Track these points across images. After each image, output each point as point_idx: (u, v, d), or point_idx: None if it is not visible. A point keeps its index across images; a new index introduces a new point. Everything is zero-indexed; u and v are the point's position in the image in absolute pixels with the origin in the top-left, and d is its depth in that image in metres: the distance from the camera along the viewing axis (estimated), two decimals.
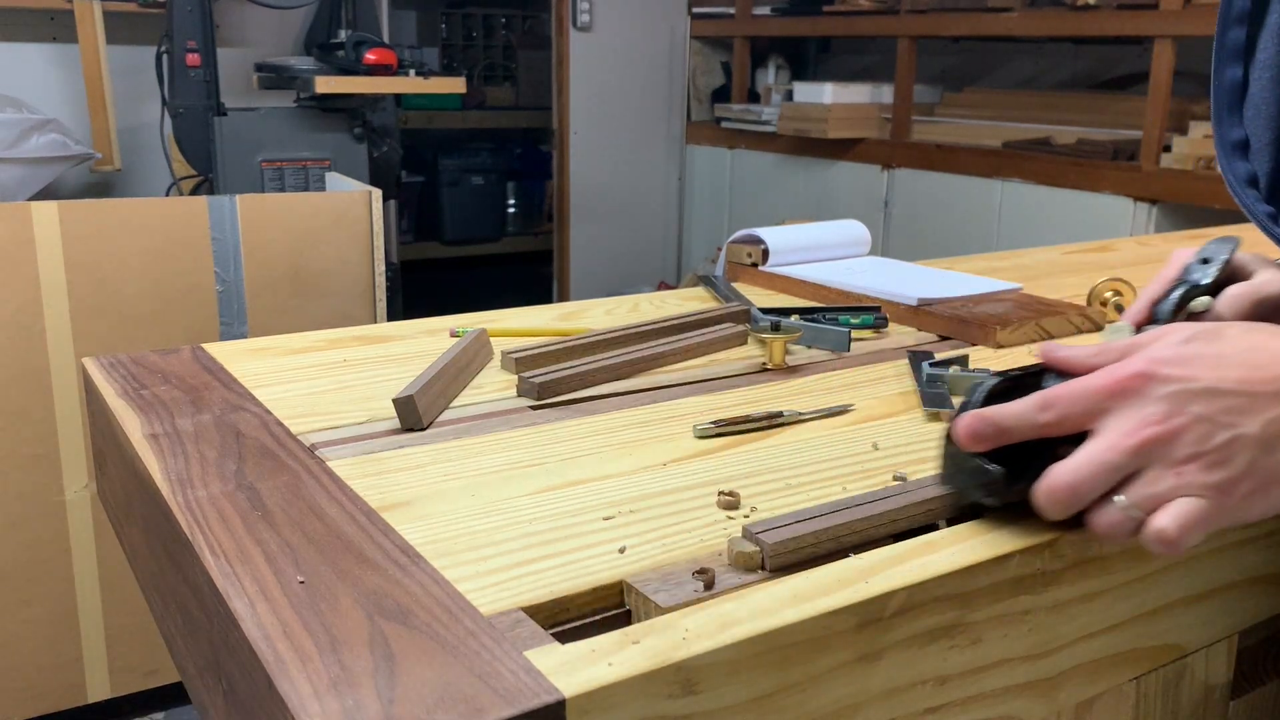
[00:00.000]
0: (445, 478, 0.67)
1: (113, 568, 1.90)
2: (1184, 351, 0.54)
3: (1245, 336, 0.56)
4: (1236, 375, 0.53)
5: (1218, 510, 0.52)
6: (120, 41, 3.31)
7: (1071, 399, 0.55)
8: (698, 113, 4.61)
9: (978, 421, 0.56)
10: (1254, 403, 0.53)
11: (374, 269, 2.04)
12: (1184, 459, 0.52)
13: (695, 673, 0.46)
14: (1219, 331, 0.56)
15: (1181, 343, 0.55)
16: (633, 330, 0.96)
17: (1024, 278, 1.25)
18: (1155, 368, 0.54)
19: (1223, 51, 0.69)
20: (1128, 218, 2.95)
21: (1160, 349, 0.55)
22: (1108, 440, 0.53)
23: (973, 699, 0.56)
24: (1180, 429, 0.52)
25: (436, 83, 3.10)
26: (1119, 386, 0.54)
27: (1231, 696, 0.71)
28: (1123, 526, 0.53)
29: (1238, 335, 0.56)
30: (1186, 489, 0.52)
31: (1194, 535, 0.52)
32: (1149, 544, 0.52)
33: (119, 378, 0.85)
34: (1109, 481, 0.53)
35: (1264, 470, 0.53)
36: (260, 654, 0.46)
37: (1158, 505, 0.52)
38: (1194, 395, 0.53)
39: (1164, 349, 0.55)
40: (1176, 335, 0.56)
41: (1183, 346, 0.55)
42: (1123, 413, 0.54)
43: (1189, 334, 0.56)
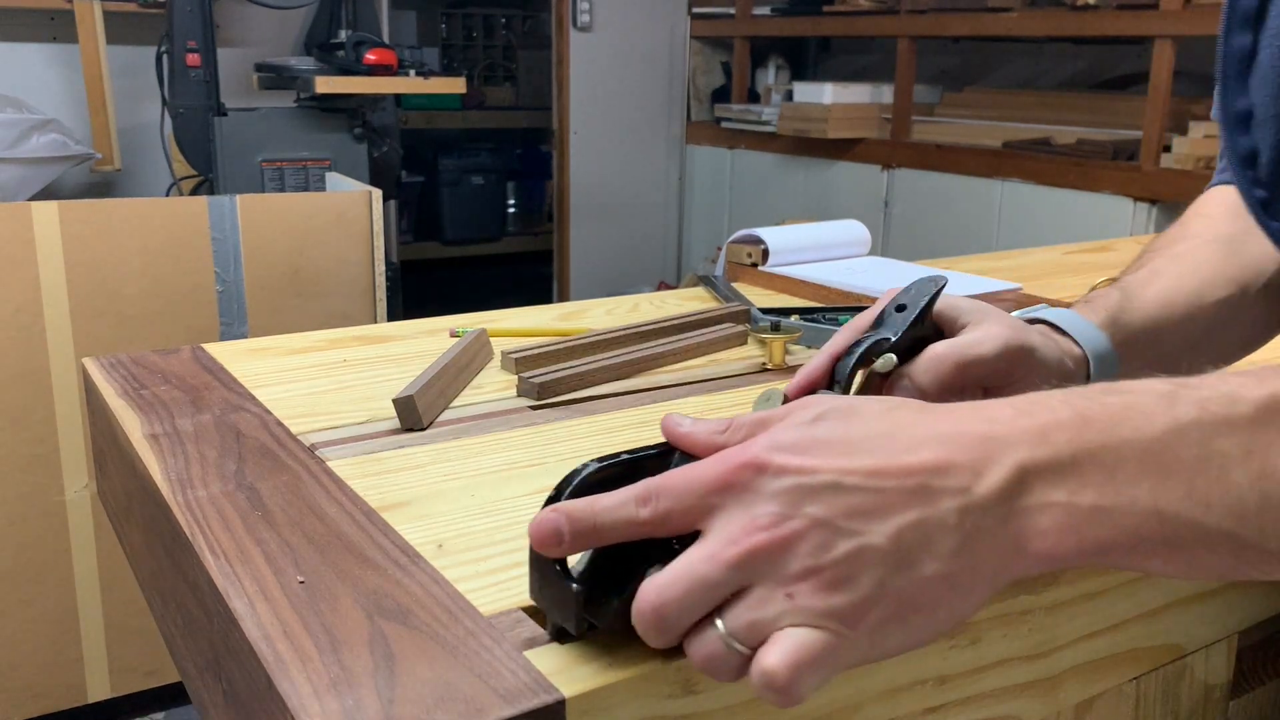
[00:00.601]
0: (445, 478, 0.67)
1: (113, 568, 1.90)
2: (808, 435, 0.43)
3: (884, 417, 0.44)
4: (866, 465, 0.42)
5: (839, 645, 0.41)
6: (120, 41, 3.31)
7: (677, 492, 0.43)
8: (698, 113, 4.61)
9: (558, 516, 0.44)
10: (883, 502, 0.41)
11: (374, 269, 2.04)
12: (796, 575, 0.41)
13: (695, 673, 0.46)
14: (854, 409, 0.45)
15: (808, 423, 0.44)
16: (633, 330, 0.97)
17: (1024, 278, 1.25)
18: (769, 456, 0.42)
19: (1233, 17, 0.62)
20: (1128, 218, 2.95)
21: (783, 431, 0.44)
22: (707, 549, 0.42)
23: (973, 699, 0.56)
24: (791, 536, 0.41)
25: (436, 83, 3.10)
26: (728, 478, 0.42)
27: (1231, 696, 0.71)
28: (724, 661, 0.42)
29: (875, 414, 0.44)
30: (799, 615, 0.40)
31: (810, 678, 0.40)
32: (758, 689, 0.41)
33: (119, 378, 0.85)
34: (707, 602, 0.42)
35: (897, 592, 0.41)
36: (260, 654, 0.46)
37: (764, 635, 0.41)
38: (811, 492, 0.41)
39: (787, 431, 0.44)
40: (805, 413, 0.45)
41: (808, 428, 0.44)
42: (731, 512, 0.42)
43: (821, 411, 0.45)
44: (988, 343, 0.59)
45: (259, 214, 1.92)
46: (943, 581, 0.41)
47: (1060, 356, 0.63)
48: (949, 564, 0.41)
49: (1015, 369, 0.59)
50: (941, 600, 0.42)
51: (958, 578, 0.41)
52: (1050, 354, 0.62)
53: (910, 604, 0.41)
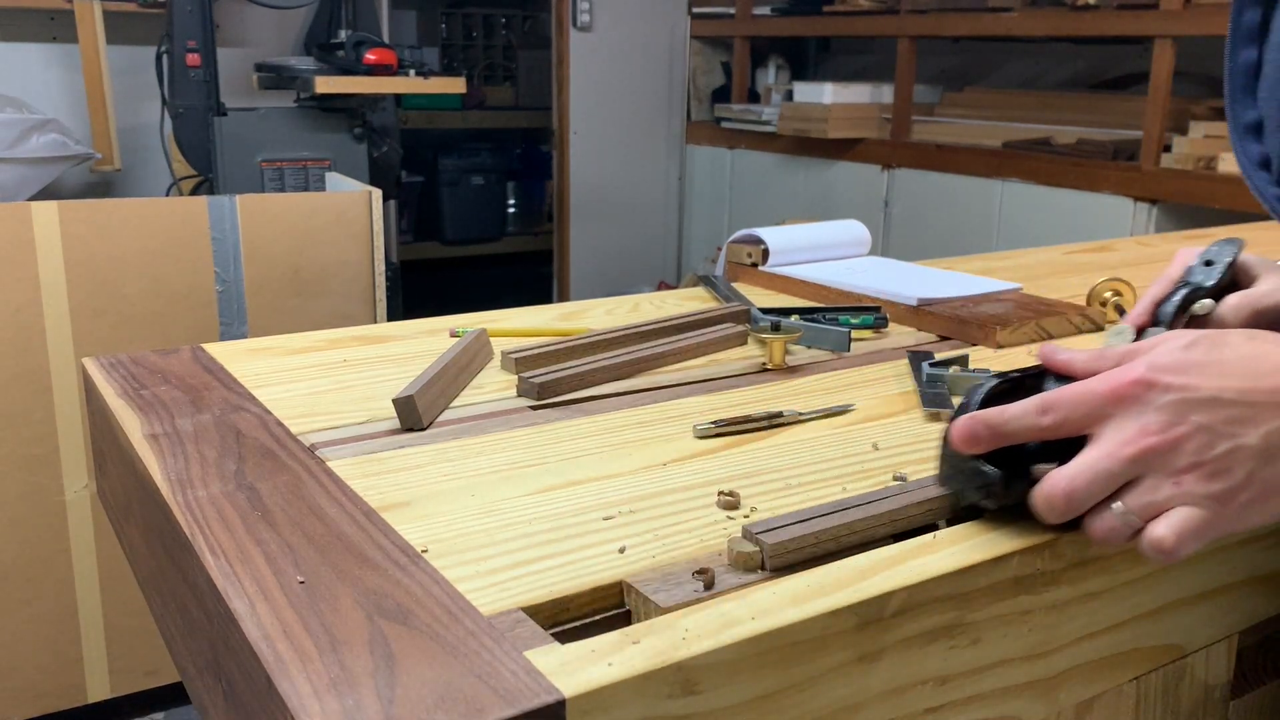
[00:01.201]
0: (445, 478, 0.67)
1: (113, 568, 1.90)
2: (1185, 359, 0.54)
3: (1247, 344, 0.55)
4: (1237, 385, 0.53)
5: (1216, 520, 0.52)
6: (120, 41, 3.31)
7: (1072, 403, 0.54)
8: (698, 113, 4.61)
9: (975, 423, 0.55)
10: (1255, 413, 0.52)
11: (374, 269, 2.04)
12: (1183, 468, 0.52)
13: (695, 673, 0.46)
14: (1221, 339, 0.55)
15: (1183, 349, 0.54)
16: (633, 330, 0.96)
17: (1024, 278, 1.25)
18: (1156, 375, 0.53)
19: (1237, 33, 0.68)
20: (1128, 218, 2.95)
21: (1161, 355, 0.54)
22: (1107, 448, 0.53)
23: (973, 699, 0.56)
24: (1180, 438, 0.52)
25: (436, 83, 3.10)
26: (1119, 393, 0.53)
27: (1231, 696, 0.71)
28: (1120, 533, 0.53)
29: (1240, 343, 0.55)
30: (1185, 498, 0.52)
31: (1191, 544, 0.52)
32: (1146, 552, 0.52)
33: (119, 378, 0.85)
34: (1107, 489, 0.53)
35: (1263, 481, 0.52)
36: (260, 654, 0.46)
37: (1156, 513, 0.52)
38: (1195, 404, 0.52)
39: (1165, 355, 0.54)
40: (1178, 342, 0.55)
41: (1184, 353, 0.54)
42: (1122, 420, 0.53)
43: (1190, 340, 0.55)
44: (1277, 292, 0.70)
45: (259, 214, 1.92)
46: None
47: None
48: None
49: None
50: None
51: None
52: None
53: (1273, 489, 0.52)
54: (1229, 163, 2.69)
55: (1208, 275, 0.72)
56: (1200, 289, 0.71)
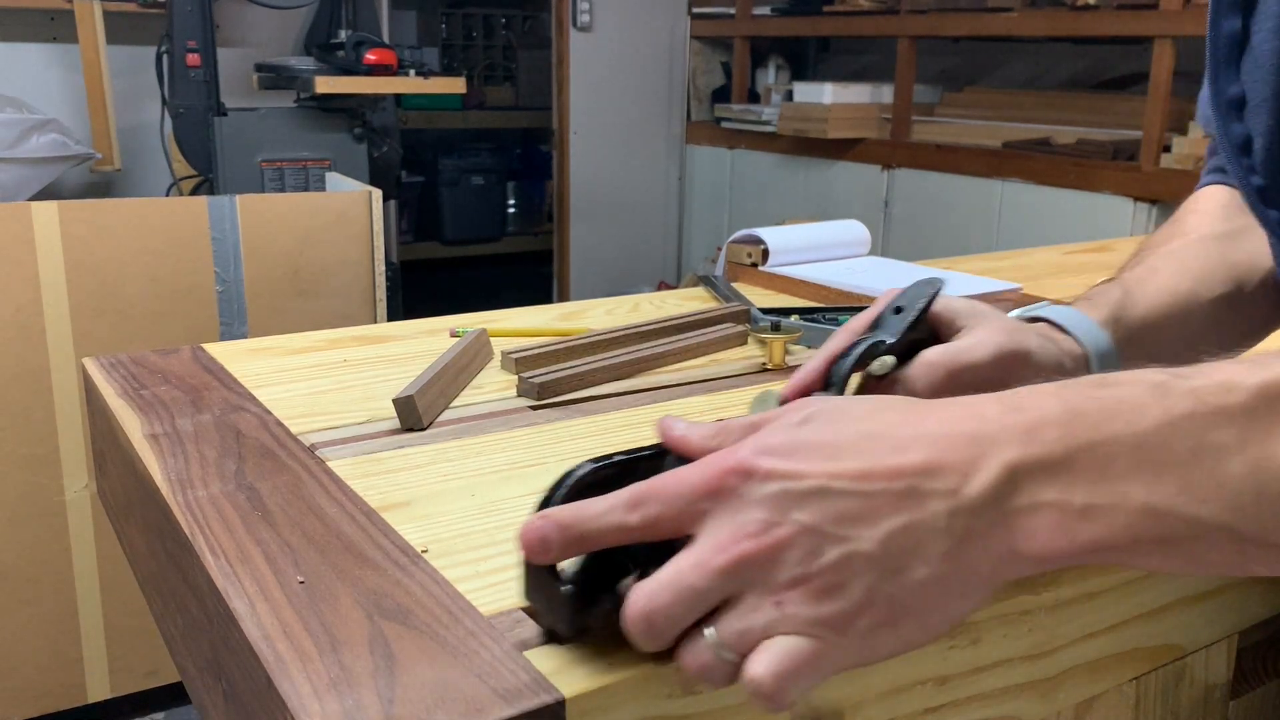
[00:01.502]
0: (445, 478, 0.67)
1: (113, 568, 1.90)
2: (795, 438, 0.42)
3: (872, 417, 0.43)
4: (853, 469, 0.41)
5: (828, 651, 0.41)
6: (120, 41, 3.31)
7: (664, 498, 0.42)
8: (698, 113, 4.61)
9: (547, 524, 0.43)
10: (871, 506, 0.40)
11: (374, 269, 2.04)
12: (785, 584, 0.40)
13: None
14: (841, 410, 0.44)
15: (795, 426, 0.43)
16: (633, 330, 0.96)
17: (1024, 278, 1.25)
18: (756, 461, 0.42)
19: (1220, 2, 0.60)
20: (1128, 218, 2.95)
21: (770, 434, 0.43)
22: (695, 556, 0.41)
23: (973, 699, 0.56)
24: (780, 544, 0.40)
25: (436, 83, 3.10)
26: (715, 483, 0.42)
27: (1231, 696, 0.71)
28: (716, 670, 0.42)
29: (862, 415, 0.44)
30: (788, 624, 0.40)
31: (796, 684, 0.40)
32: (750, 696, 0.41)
33: (119, 378, 0.85)
34: (695, 610, 0.41)
35: (887, 598, 0.40)
36: (260, 654, 0.46)
37: (754, 644, 0.41)
38: (797, 498, 0.41)
39: (774, 434, 0.43)
40: (793, 416, 0.44)
41: (795, 431, 0.43)
42: (719, 518, 0.42)
43: (808, 414, 0.44)
44: (981, 348, 0.58)
45: (259, 214, 1.92)
46: (934, 585, 0.41)
47: (1059, 356, 0.62)
48: (940, 567, 0.40)
49: (1010, 373, 0.58)
50: (933, 604, 0.41)
51: (949, 581, 0.41)
52: (1048, 355, 0.61)
53: (901, 609, 0.41)
54: None
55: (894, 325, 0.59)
56: (880, 343, 0.58)
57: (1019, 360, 0.59)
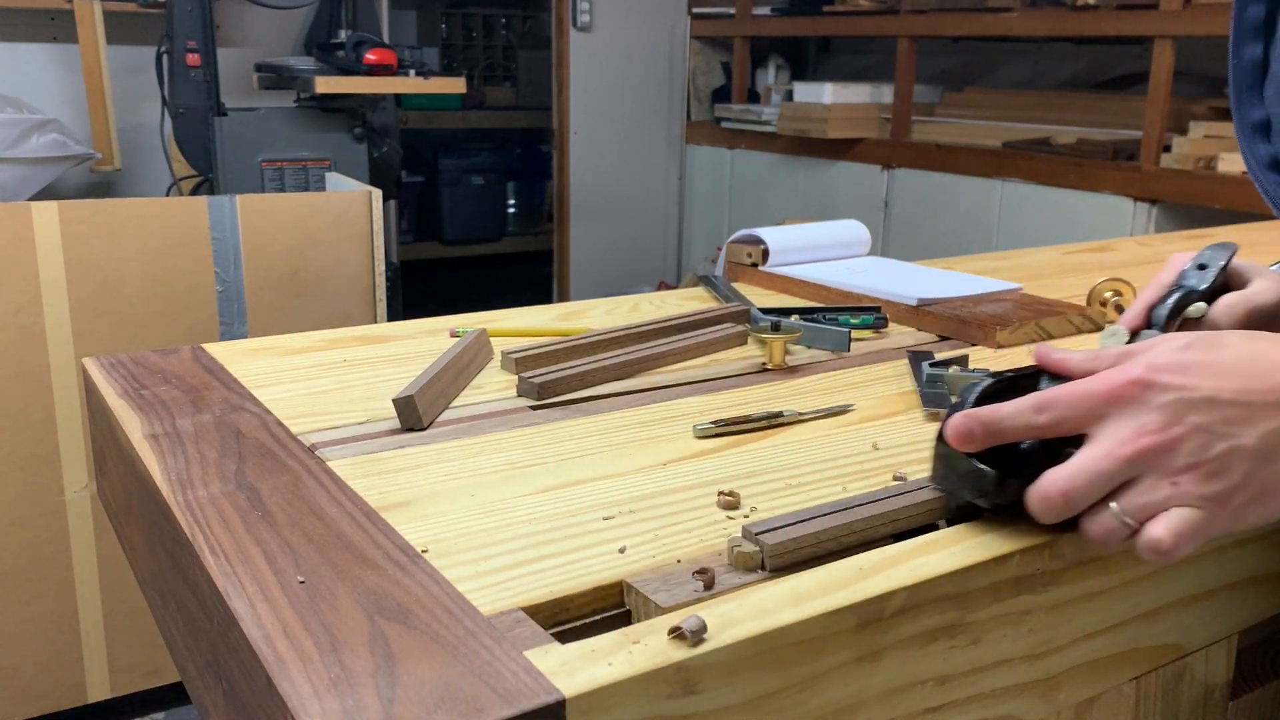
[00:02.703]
0: (445, 478, 0.67)
1: (113, 568, 1.90)
2: (1182, 359, 0.53)
3: (1244, 344, 0.55)
4: (1235, 385, 0.52)
5: (1213, 520, 0.52)
6: (120, 41, 3.31)
7: (1069, 402, 0.54)
8: (698, 113, 4.61)
9: (970, 422, 0.55)
10: (1252, 413, 0.52)
11: (374, 269, 2.04)
12: (1180, 469, 0.52)
13: (695, 673, 0.46)
14: (1218, 339, 0.55)
15: (1180, 350, 0.54)
16: (633, 330, 0.96)
17: (1024, 278, 1.25)
18: (1154, 375, 0.53)
19: (1241, 29, 0.67)
20: (1128, 218, 2.95)
21: (1158, 355, 0.54)
22: (1104, 448, 0.52)
23: (973, 699, 0.56)
24: (1177, 439, 0.52)
25: (436, 83, 3.10)
26: (1117, 392, 0.53)
27: (1231, 696, 0.71)
28: (1117, 534, 0.53)
29: (1237, 343, 0.55)
30: (1182, 499, 0.51)
31: (1188, 545, 0.51)
32: (1143, 553, 0.52)
33: (119, 378, 0.85)
34: (1104, 489, 0.52)
35: (1260, 481, 0.52)
36: (260, 654, 0.46)
37: (1153, 514, 0.52)
38: (1192, 404, 0.52)
39: (1162, 356, 0.54)
40: (1175, 342, 0.55)
41: (1181, 354, 0.54)
42: (1120, 419, 0.53)
43: (1187, 341, 0.55)
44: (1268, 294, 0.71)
45: (259, 214, 1.92)
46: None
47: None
48: None
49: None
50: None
51: None
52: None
53: (1269, 490, 0.52)
54: (1229, 163, 2.69)
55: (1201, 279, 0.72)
56: (1193, 292, 0.71)
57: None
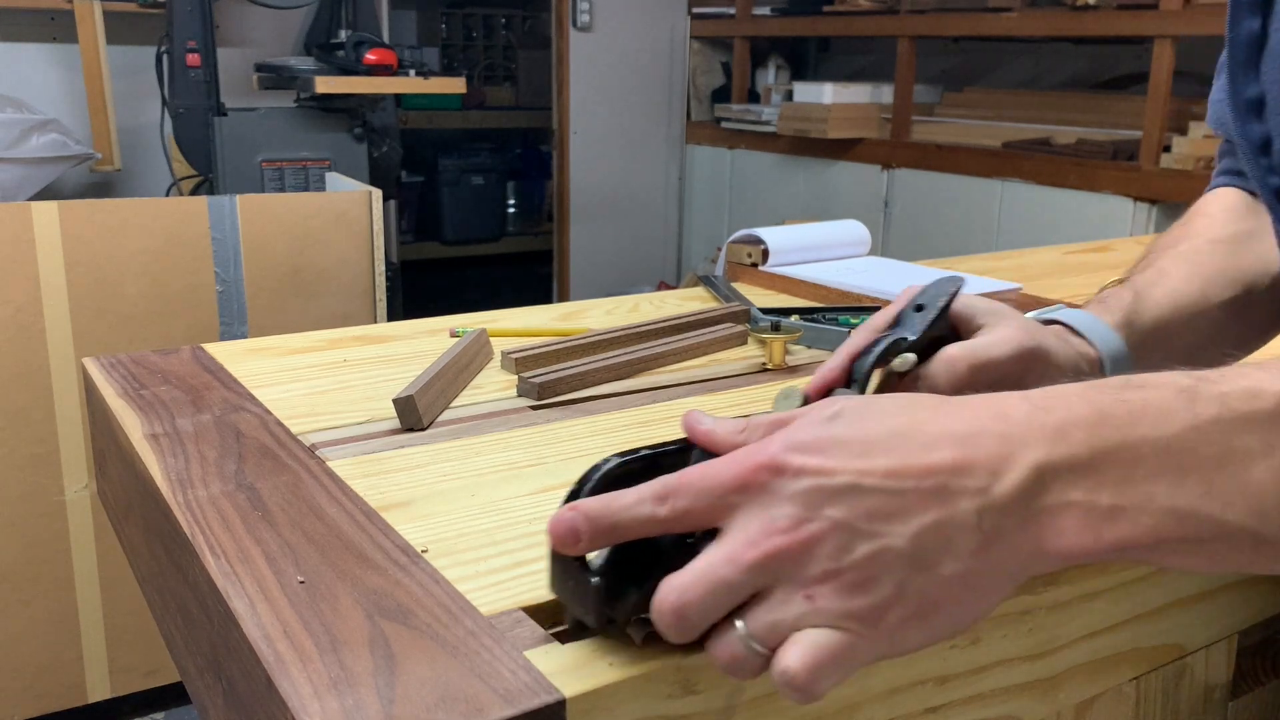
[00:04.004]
0: (445, 478, 0.67)
1: (113, 568, 1.90)
2: (825, 434, 0.43)
3: (900, 415, 0.44)
4: (884, 466, 0.42)
5: (859, 644, 0.41)
6: (120, 41, 3.31)
7: (694, 491, 0.43)
8: (698, 113, 4.61)
9: (576, 515, 0.44)
10: (903, 504, 0.41)
11: (374, 269, 2.04)
12: (817, 578, 0.41)
13: (695, 673, 0.46)
14: (869, 407, 0.44)
15: (825, 422, 0.44)
16: (633, 330, 0.96)
17: (1024, 278, 1.25)
18: (787, 457, 0.42)
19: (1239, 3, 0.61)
20: (1128, 218, 2.95)
21: (799, 431, 0.44)
22: (726, 550, 0.42)
23: (973, 699, 0.56)
24: (812, 539, 0.41)
25: (436, 83, 3.10)
26: (746, 479, 0.42)
27: (1231, 697, 0.71)
28: (746, 662, 0.42)
29: (892, 412, 0.44)
30: (819, 617, 0.41)
31: (828, 677, 0.41)
32: (779, 687, 0.41)
33: (119, 378, 0.85)
34: (727, 603, 0.42)
35: (917, 592, 0.41)
36: (260, 654, 0.46)
37: (784, 636, 0.41)
38: (830, 494, 0.41)
39: (803, 431, 0.43)
40: (822, 412, 0.45)
41: (825, 427, 0.43)
42: (749, 513, 0.42)
43: (835, 411, 0.44)
44: (1001, 345, 0.59)
45: (259, 214, 1.92)
46: (962, 581, 0.41)
47: (1075, 358, 0.62)
48: (968, 564, 0.41)
49: (1029, 371, 0.59)
50: (961, 599, 0.42)
51: (977, 577, 0.42)
52: (1065, 356, 0.62)
53: (930, 603, 0.42)
54: None
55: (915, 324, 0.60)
56: (901, 340, 0.58)
57: (1038, 359, 0.60)
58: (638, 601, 0.45)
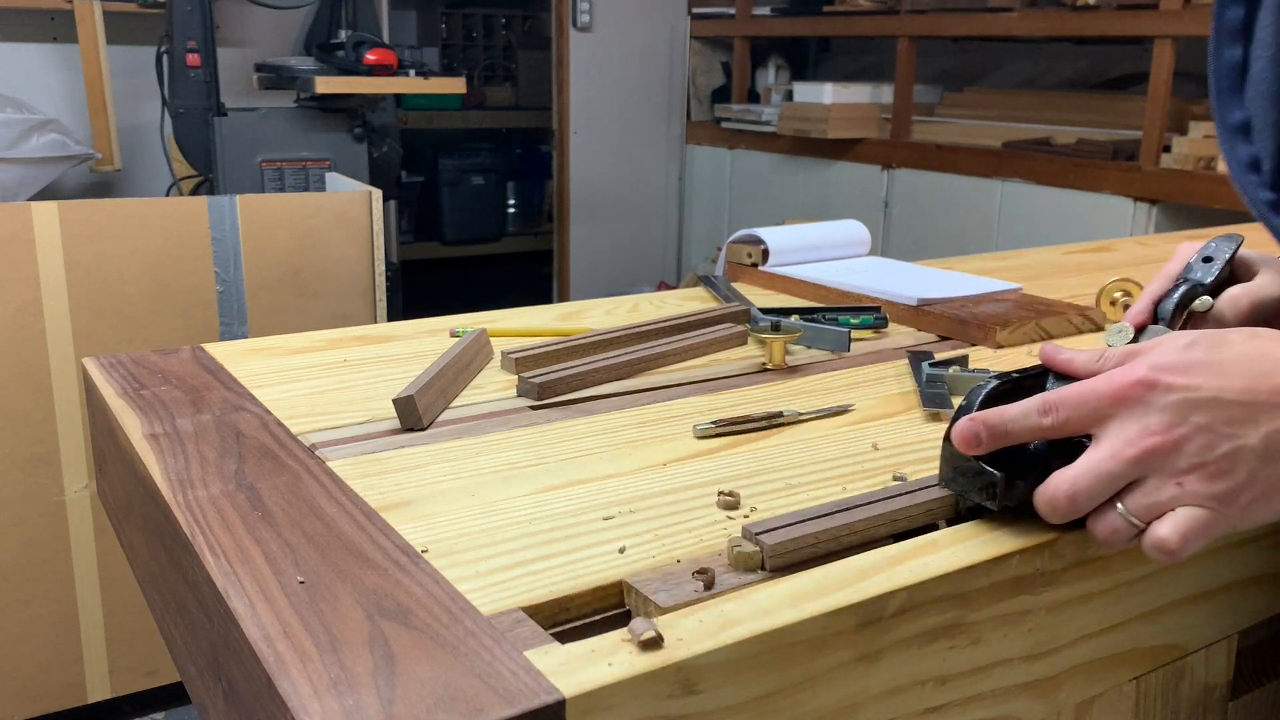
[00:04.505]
0: (445, 478, 0.67)
1: (113, 568, 1.90)
2: (1186, 358, 0.53)
3: (1248, 343, 0.54)
4: (1239, 384, 0.52)
5: (1218, 520, 0.52)
6: (120, 41, 3.31)
7: (1074, 403, 0.54)
8: (698, 113, 4.61)
9: (976, 424, 0.55)
10: (1256, 413, 0.52)
11: (374, 269, 2.04)
12: (1186, 469, 0.52)
13: (695, 673, 0.46)
14: (1221, 338, 0.55)
15: (1183, 349, 0.54)
16: (633, 330, 0.96)
17: (1024, 278, 1.25)
18: (1158, 375, 0.53)
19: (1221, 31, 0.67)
20: (1128, 218, 2.95)
21: (1162, 355, 0.54)
22: (1109, 449, 0.53)
23: (973, 699, 0.56)
24: (1182, 439, 0.52)
25: (436, 83, 3.10)
26: (1122, 393, 0.53)
27: (1231, 697, 0.71)
28: (1123, 534, 0.53)
29: (1240, 342, 0.55)
30: (1188, 498, 0.52)
31: (1194, 545, 0.52)
32: (1149, 552, 0.52)
33: (119, 378, 0.85)
34: (1110, 490, 0.53)
35: (1266, 479, 0.52)
36: (260, 654, 0.46)
37: (1159, 514, 0.52)
38: (1196, 405, 0.52)
39: (1166, 355, 0.54)
40: (1179, 341, 0.55)
41: (1184, 353, 0.54)
42: (1125, 420, 0.53)
43: (1191, 340, 0.55)
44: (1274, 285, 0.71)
45: (259, 214, 1.92)
46: None
47: None
48: None
49: None
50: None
51: None
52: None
53: (1276, 488, 0.52)
54: None
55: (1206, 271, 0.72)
56: (1199, 285, 0.70)
57: None
58: (1025, 490, 0.56)
